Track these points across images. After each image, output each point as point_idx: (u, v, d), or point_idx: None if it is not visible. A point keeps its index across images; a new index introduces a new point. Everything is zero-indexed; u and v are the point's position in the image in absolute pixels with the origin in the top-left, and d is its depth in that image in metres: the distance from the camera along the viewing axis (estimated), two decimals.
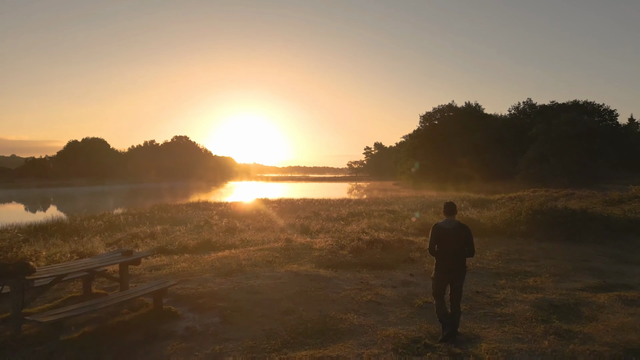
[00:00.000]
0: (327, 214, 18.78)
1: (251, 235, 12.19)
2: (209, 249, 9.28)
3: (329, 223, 14.99)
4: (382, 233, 10.64)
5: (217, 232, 13.41)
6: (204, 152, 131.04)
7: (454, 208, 4.32)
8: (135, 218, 17.66)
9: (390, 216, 14.50)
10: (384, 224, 12.80)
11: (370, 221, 13.62)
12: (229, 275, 6.43)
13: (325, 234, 11.16)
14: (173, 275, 6.48)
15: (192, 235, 11.41)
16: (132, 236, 12.52)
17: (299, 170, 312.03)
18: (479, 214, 19.26)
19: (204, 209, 22.30)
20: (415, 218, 21.12)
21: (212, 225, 15.06)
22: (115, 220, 16.54)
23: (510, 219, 10.53)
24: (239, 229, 14.02)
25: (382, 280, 6.42)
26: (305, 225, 12.44)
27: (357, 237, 9.49)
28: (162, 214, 19.40)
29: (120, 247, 7.86)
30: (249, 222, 16.32)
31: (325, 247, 8.69)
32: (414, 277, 6.67)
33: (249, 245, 9.67)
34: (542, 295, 5.61)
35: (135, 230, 13.61)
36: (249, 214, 19.71)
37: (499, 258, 7.94)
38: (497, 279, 6.56)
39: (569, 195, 27.16)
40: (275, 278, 6.22)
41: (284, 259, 7.72)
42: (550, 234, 9.66)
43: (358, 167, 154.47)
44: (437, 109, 68.05)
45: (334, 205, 25.16)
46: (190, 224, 15.90)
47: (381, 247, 8.68)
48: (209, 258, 7.66)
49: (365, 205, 23.79)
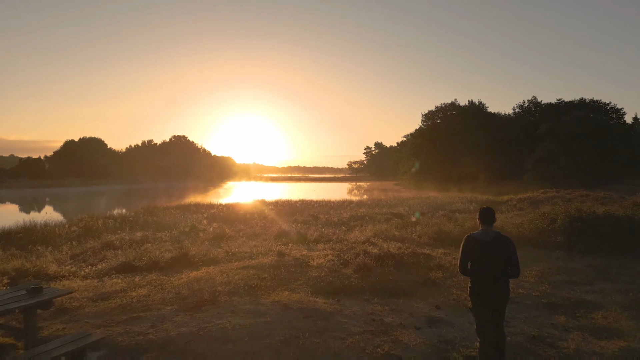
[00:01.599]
0: (327, 217, 17.20)
1: (240, 244, 10.61)
2: (184, 264, 7.69)
3: (329, 229, 13.42)
4: (391, 244, 9.05)
5: (202, 240, 11.86)
6: (203, 152, 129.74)
7: (492, 215, 3.46)
8: (116, 223, 16.07)
9: (397, 221, 12.92)
10: (392, 231, 11.21)
11: (376, 228, 12.03)
12: (197, 309, 4.84)
13: (324, 244, 9.57)
14: (123, 308, 4.89)
15: (169, 247, 9.81)
16: (105, 245, 10.95)
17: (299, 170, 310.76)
18: None
19: (194, 211, 20.71)
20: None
21: (199, 232, 13.49)
22: (92, 225, 14.93)
23: (542, 227, 8.92)
24: (227, 236, 12.45)
25: (400, 315, 4.83)
26: (302, 233, 10.85)
27: (363, 249, 7.90)
28: (148, 217, 17.79)
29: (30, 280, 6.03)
30: (240, 227, 14.75)
31: (324, 263, 7.09)
32: (441, 310, 5.07)
33: (233, 259, 8.07)
34: (626, 344, 4.02)
35: (111, 237, 12.01)
36: (242, 218, 18.12)
37: (542, 279, 6.35)
38: (552, 314, 4.96)
39: (584, 197, 25.52)
40: (258, 314, 4.63)
41: (273, 281, 6.12)
42: (594, 246, 8.07)
43: (358, 167, 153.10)
44: (440, 107, 66.40)
45: (334, 207, 23.57)
46: (176, 230, 14.34)
47: (393, 263, 7.08)
48: (178, 281, 6.07)
49: (367, 208, 22.19)
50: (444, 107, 66.24)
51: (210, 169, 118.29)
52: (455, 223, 10.52)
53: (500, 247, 3.35)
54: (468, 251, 3.46)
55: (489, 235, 3.39)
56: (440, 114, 65.91)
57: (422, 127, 66.86)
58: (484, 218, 3.47)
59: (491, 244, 3.35)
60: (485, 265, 3.37)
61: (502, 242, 3.37)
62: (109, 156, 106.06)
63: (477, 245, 3.39)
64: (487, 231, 3.43)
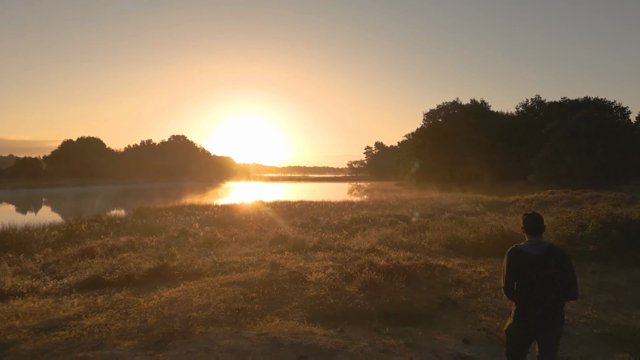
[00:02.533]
0: (327, 220, 16.19)
1: (231, 252, 9.60)
2: (162, 279, 6.66)
3: (329, 233, 12.41)
4: (399, 253, 8.03)
5: (191, 246, 10.86)
6: (202, 151, 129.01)
7: (541, 224, 2.93)
8: (103, 226, 15.05)
9: (403, 226, 11.88)
10: (399, 237, 10.19)
11: (381, 233, 11.01)
12: (163, 345, 3.81)
13: (324, 253, 8.54)
14: (69, 344, 3.86)
15: (153, 254, 8.80)
16: (84, 252, 9.95)
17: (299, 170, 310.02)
18: (502, 220, 16.71)
19: (188, 213, 19.70)
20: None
21: (189, 237, 12.49)
22: (75, 229, 13.91)
23: (569, 234, 7.88)
24: (219, 242, 11.45)
25: (420, 353, 3.81)
26: (300, 239, 9.82)
27: (368, 260, 6.88)
28: (137, 220, 16.78)
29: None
30: (234, 231, 13.73)
31: (324, 278, 6.06)
32: (471, 345, 4.03)
33: (220, 271, 7.04)
34: None
35: (92, 243, 11.03)
36: (237, 220, 17.10)
37: (584, 300, 5.31)
38: (611, 349, 3.93)
39: (594, 198, 24.50)
40: (239, 355, 3.60)
41: (262, 303, 5.09)
42: (632, 258, 7.04)
43: (358, 167, 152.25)
44: (442, 106, 65.32)
45: (334, 209, 22.54)
46: (166, 234, 13.37)
47: (404, 278, 6.05)
48: (148, 302, 5.04)
49: (369, 210, 21.17)
50: (445, 106, 65.19)
51: (209, 169, 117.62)
52: (469, 228, 9.49)
53: (555, 262, 2.79)
54: (515, 268, 2.85)
55: (540, 248, 2.83)
56: (442, 113, 64.86)
57: (424, 126, 65.82)
58: (532, 227, 2.90)
59: (544, 259, 2.79)
60: (538, 285, 2.77)
61: (557, 256, 2.80)
62: (107, 156, 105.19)
63: (527, 261, 2.81)
64: (537, 243, 2.86)
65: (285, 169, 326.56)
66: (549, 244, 2.90)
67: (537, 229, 2.90)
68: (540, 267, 2.78)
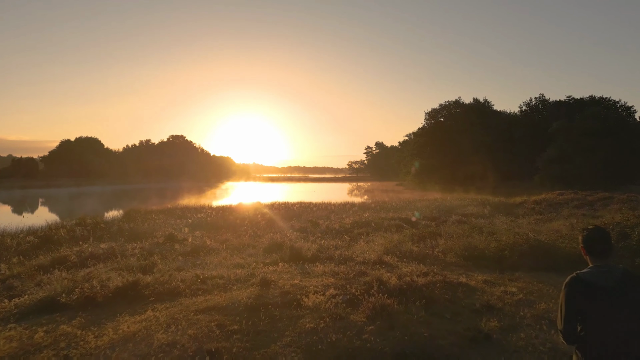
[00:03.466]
0: (327, 224, 15.11)
1: (219, 263, 8.51)
2: (130, 300, 5.57)
3: (330, 239, 11.34)
4: (411, 266, 6.95)
5: (176, 255, 9.78)
6: (201, 151, 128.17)
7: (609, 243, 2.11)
8: (85, 230, 13.96)
9: (411, 231, 10.77)
10: (407, 244, 9.10)
11: (387, 240, 9.92)
12: None
13: (324, 265, 7.45)
14: None
15: (128, 266, 7.71)
16: (55, 261, 8.85)
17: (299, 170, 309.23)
18: (513, 223, 15.61)
19: (179, 216, 18.62)
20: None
21: (175, 243, 11.40)
22: (54, 234, 12.79)
23: None
24: (208, 249, 10.36)
25: None
26: (297, 248, 8.72)
27: (376, 277, 5.79)
28: (124, 224, 15.66)
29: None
30: (226, 236, 12.65)
31: (323, 303, 4.96)
32: None
33: (201, 290, 5.94)
34: None
35: (67, 251, 9.91)
36: (231, 224, 16.03)
37: None
38: None
39: (607, 200, 23.43)
40: None
41: (245, 340, 3.99)
42: None
43: (358, 167, 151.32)
44: (444, 105, 64.30)
45: (334, 211, 21.45)
46: (152, 239, 12.28)
47: (423, 303, 4.96)
48: (97, 341, 3.93)
49: (372, 212, 20.09)
50: (447, 105, 64.18)
51: (208, 169, 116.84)
52: (489, 236, 8.40)
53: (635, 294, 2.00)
54: (578, 304, 2.07)
55: (612, 277, 2.04)
56: (444, 112, 63.83)
57: (426, 125, 64.79)
58: (597, 247, 2.13)
59: (618, 292, 2.01)
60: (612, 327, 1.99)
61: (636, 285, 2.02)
62: (106, 156, 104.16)
63: (595, 294, 2.04)
64: (608, 269, 2.07)
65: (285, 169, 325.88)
66: (623, 270, 2.08)
67: (606, 250, 2.12)
68: (614, 304, 2.00)
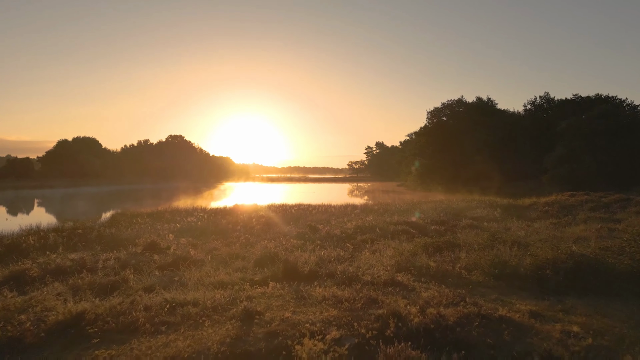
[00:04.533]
0: (327, 229, 13.72)
1: (200, 279, 7.15)
2: (70, 340, 4.22)
3: (330, 249, 9.98)
4: (432, 288, 5.59)
5: (153, 268, 8.46)
6: (199, 152, 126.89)
7: None
8: (60, 237, 12.61)
9: (425, 240, 9.39)
10: (422, 257, 7.74)
11: (397, 251, 8.57)
12: None
13: (324, 286, 6.11)
14: None
15: (92, 284, 6.37)
16: (10, 278, 7.54)
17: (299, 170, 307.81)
18: (529, 227, 14.26)
19: (168, 220, 17.26)
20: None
21: (156, 253, 10.05)
22: (22, 242, 11.43)
23: None
24: (190, 261, 9.00)
25: None
26: (293, 262, 7.37)
27: (393, 311, 4.44)
28: (106, 229, 14.28)
29: None
30: (215, 244, 11.30)
31: (323, 355, 3.61)
32: None
33: (164, 325, 4.59)
34: None
35: (28, 265, 8.57)
36: (222, 229, 14.70)
37: None
38: None
39: (624, 202, 22.04)
40: None
41: None
42: None
43: (359, 167, 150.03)
44: (446, 104, 62.88)
45: (335, 214, 20.10)
46: (133, 247, 10.96)
47: (462, 354, 3.61)
48: None
49: (376, 215, 18.73)
50: (450, 104, 62.77)
51: (207, 170, 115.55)
52: (518, 249, 7.04)
53: None
54: None
55: None
56: (446, 111, 62.42)
57: (428, 125, 63.37)
58: None
59: None
60: None
61: None
62: (103, 156, 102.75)
63: None
64: None
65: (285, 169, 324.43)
66: None
67: None
68: None
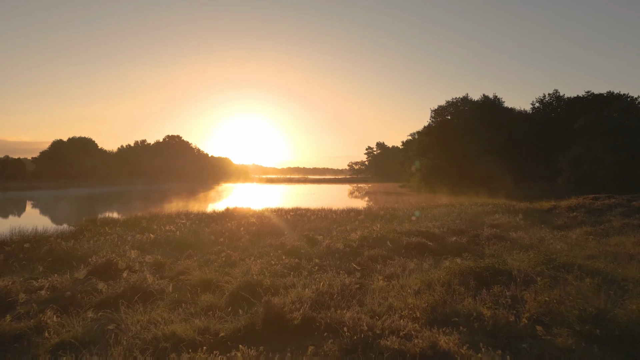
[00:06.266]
0: (327, 242, 11.32)
1: (135, 333, 4.83)
2: None
3: (332, 273, 7.65)
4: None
5: (89, 305, 6.18)
6: (197, 152, 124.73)
7: None
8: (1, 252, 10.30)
9: (459, 267, 7.03)
10: (465, 298, 5.41)
11: (423, 281, 6.24)
12: None
13: (321, 354, 3.77)
14: None
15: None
16: None
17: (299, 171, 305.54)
18: (565, 238, 11.94)
19: (143, 229, 14.94)
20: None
21: (103, 280, 7.73)
22: None
23: None
24: (146, 294, 6.69)
25: None
26: (279, 305, 5.05)
27: None
28: (63, 241, 11.89)
29: None
30: (186, 264, 8.97)
31: None
32: None
33: None
34: None
35: None
36: (203, 241, 12.37)
37: None
38: None
39: None
40: None
41: None
42: None
43: (359, 168, 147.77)
44: (451, 102, 60.51)
45: (337, 220, 17.76)
46: (84, 267, 8.65)
47: None
48: None
49: (383, 222, 16.39)
50: (455, 102, 60.41)
51: (205, 170, 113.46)
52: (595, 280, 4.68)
53: None
54: None
55: None
56: (451, 109, 60.06)
57: (432, 124, 60.98)
58: None
59: None
60: None
61: None
62: (99, 157, 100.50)
63: None
64: None
65: (285, 170, 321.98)
66: None
67: None
68: None
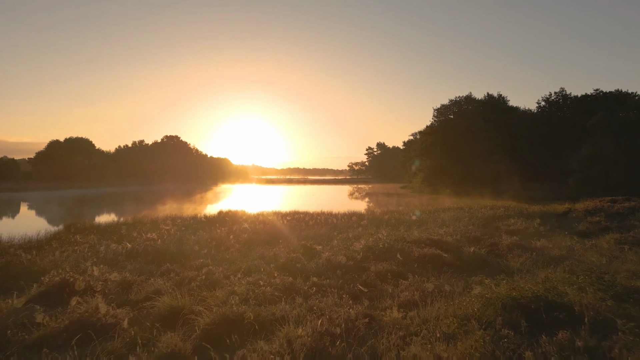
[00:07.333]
0: (327, 254, 9.76)
1: None
2: None
3: (334, 298, 6.15)
4: None
5: (16, 347, 4.61)
6: (196, 152, 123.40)
7: None
8: None
9: (499, 296, 5.50)
10: (523, 351, 3.86)
11: (458, 321, 4.69)
12: None
13: None
14: None
15: None
16: None
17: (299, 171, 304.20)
18: (595, 248, 10.42)
19: (122, 236, 13.41)
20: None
21: (60, 305, 6.22)
22: None
23: None
24: (94, 330, 5.11)
25: None
26: (265, 352, 3.54)
27: None
28: (25, 253, 10.37)
29: None
30: (157, 285, 7.42)
31: None
32: None
33: None
34: None
35: None
36: (185, 252, 10.80)
37: None
38: None
39: None
40: None
41: None
42: None
43: (359, 168, 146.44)
44: (454, 101, 59.05)
45: (338, 225, 16.25)
46: (36, 288, 7.15)
47: None
48: None
49: (389, 228, 14.86)
50: (458, 101, 58.93)
51: (204, 171, 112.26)
52: None
53: None
54: None
55: None
56: (454, 108, 58.58)
57: (434, 123, 59.51)
58: None
59: None
60: None
61: None
62: (96, 157, 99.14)
63: None
64: None
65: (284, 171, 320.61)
66: None
67: None
68: None
